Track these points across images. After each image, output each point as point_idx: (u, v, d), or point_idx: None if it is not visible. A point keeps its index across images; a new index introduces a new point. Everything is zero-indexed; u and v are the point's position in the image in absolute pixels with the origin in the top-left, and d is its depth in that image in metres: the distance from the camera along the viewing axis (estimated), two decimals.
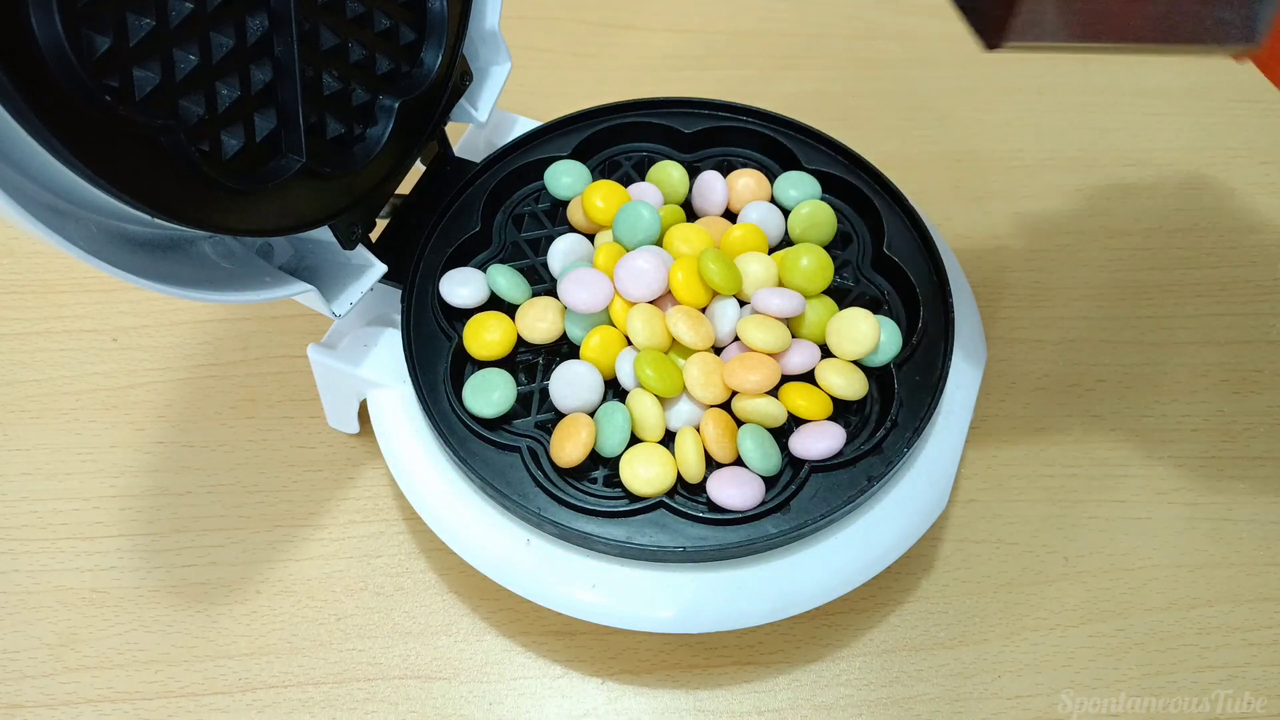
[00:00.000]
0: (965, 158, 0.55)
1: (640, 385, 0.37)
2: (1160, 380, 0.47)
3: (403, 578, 0.42)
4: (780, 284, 0.39)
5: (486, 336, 0.38)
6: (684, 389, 0.37)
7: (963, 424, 0.39)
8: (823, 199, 0.43)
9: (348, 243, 0.37)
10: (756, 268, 0.38)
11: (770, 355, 0.37)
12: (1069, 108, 0.57)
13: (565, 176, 0.42)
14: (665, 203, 0.42)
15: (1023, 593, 0.42)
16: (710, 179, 0.42)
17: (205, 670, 0.40)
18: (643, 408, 0.36)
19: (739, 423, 0.37)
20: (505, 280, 0.39)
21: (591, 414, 0.37)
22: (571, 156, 0.43)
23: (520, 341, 0.39)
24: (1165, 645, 0.41)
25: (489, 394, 0.37)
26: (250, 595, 0.41)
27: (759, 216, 0.41)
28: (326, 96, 0.34)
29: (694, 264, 0.37)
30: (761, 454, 0.35)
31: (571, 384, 0.37)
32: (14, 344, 0.48)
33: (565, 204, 0.43)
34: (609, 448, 0.36)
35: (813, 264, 0.38)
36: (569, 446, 0.36)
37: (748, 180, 0.43)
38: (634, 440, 0.37)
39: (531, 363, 0.39)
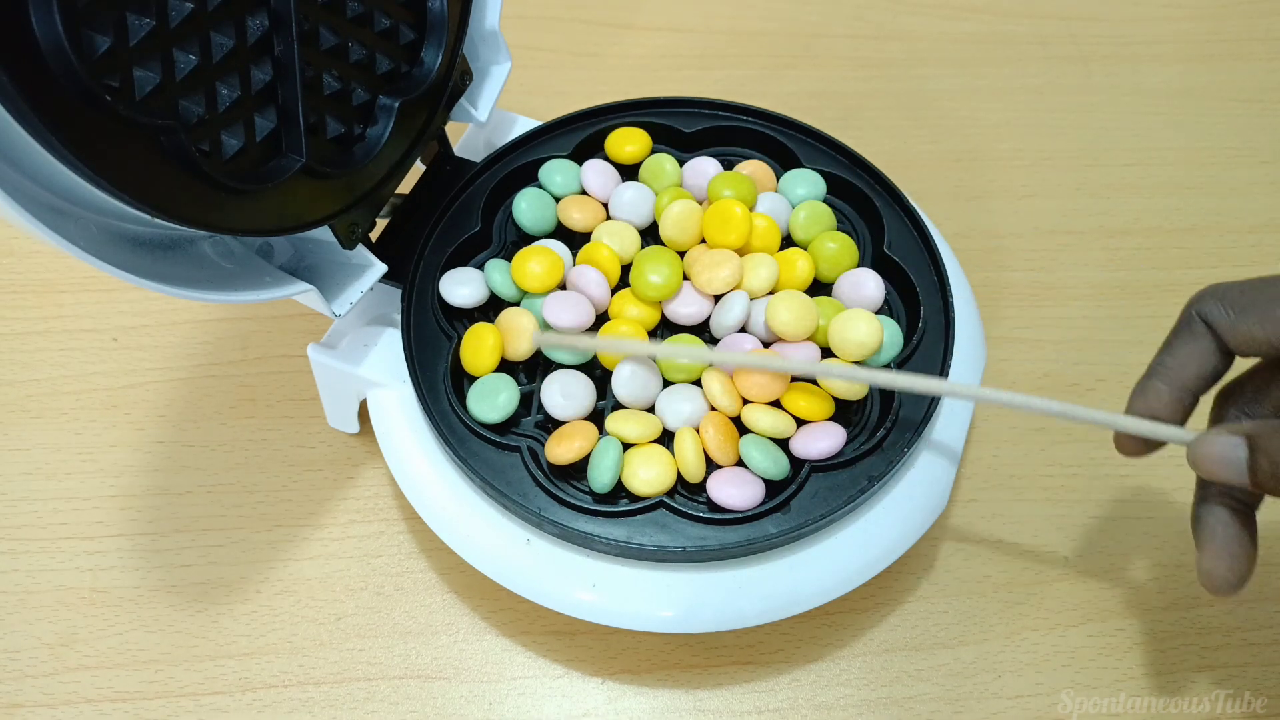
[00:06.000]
0: (965, 158, 0.55)
1: (638, 294, 0.38)
2: None
3: (403, 578, 0.42)
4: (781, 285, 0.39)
5: (484, 351, 0.38)
6: (679, 289, 0.39)
7: (963, 424, 0.39)
8: (822, 199, 0.43)
9: (348, 242, 0.37)
10: (766, 271, 0.39)
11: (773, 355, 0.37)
12: (1069, 108, 0.57)
13: (558, 175, 0.42)
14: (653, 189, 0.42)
15: (1023, 593, 0.42)
16: (699, 164, 0.42)
17: (205, 670, 0.40)
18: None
19: (742, 430, 0.37)
20: (503, 278, 0.39)
21: (588, 418, 0.37)
22: (571, 156, 0.43)
23: None
24: (1165, 645, 0.41)
25: (494, 398, 0.37)
26: (250, 595, 0.41)
27: (769, 208, 0.41)
28: (327, 96, 0.34)
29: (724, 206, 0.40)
30: (771, 461, 0.35)
31: (566, 395, 0.37)
32: (14, 344, 0.48)
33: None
34: (599, 485, 0.35)
35: (838, 246, 0.40)
36: (561, 450, 0.36)
37: (754, 172, 0.43)
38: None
39: (532, 362, 0.39)
